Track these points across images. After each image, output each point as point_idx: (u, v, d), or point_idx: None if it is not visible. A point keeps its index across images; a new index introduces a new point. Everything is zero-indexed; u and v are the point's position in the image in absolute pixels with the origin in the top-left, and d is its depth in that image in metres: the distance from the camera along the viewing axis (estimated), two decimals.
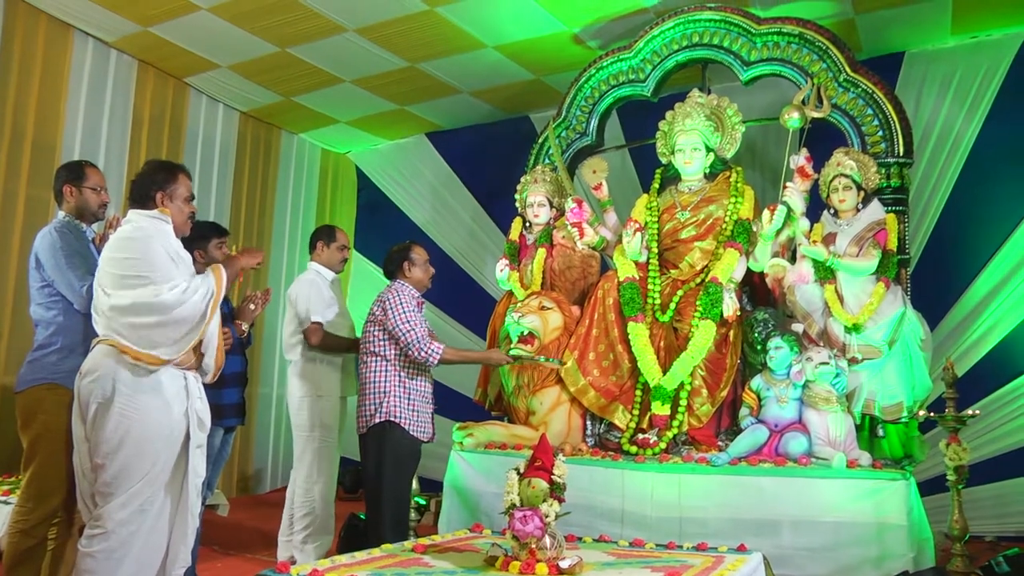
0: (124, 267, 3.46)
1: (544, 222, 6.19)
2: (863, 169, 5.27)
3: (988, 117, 6.57)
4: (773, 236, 5.30)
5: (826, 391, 4.86)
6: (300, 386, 5.32)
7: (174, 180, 3.67)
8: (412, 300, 4.88)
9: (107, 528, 3.35)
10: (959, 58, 6.71)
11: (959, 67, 6.69)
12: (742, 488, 4.65)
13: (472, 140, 8.96)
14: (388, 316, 4.79)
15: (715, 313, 5.20)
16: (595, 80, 6.56)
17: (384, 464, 4.71)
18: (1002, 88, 6.54)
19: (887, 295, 5.00)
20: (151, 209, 3.60)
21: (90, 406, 3.42)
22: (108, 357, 3.43)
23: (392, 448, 4.71)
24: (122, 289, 3.43)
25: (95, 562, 3.33)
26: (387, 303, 4.82)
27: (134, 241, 3.51)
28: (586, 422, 5.56)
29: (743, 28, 5.92)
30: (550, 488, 3.27)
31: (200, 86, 7.95)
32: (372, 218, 9.75)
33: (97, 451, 3.40)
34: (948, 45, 6.78)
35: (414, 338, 4.75)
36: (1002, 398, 6.27)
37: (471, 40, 7.01)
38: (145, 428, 3.42)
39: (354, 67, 7.55)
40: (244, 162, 8.56)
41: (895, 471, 4.51)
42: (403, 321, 4.76)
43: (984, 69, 6.60)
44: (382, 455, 4.71)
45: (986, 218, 6.48)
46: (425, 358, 4.77)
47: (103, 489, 3.39)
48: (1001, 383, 6.28)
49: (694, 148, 5.68)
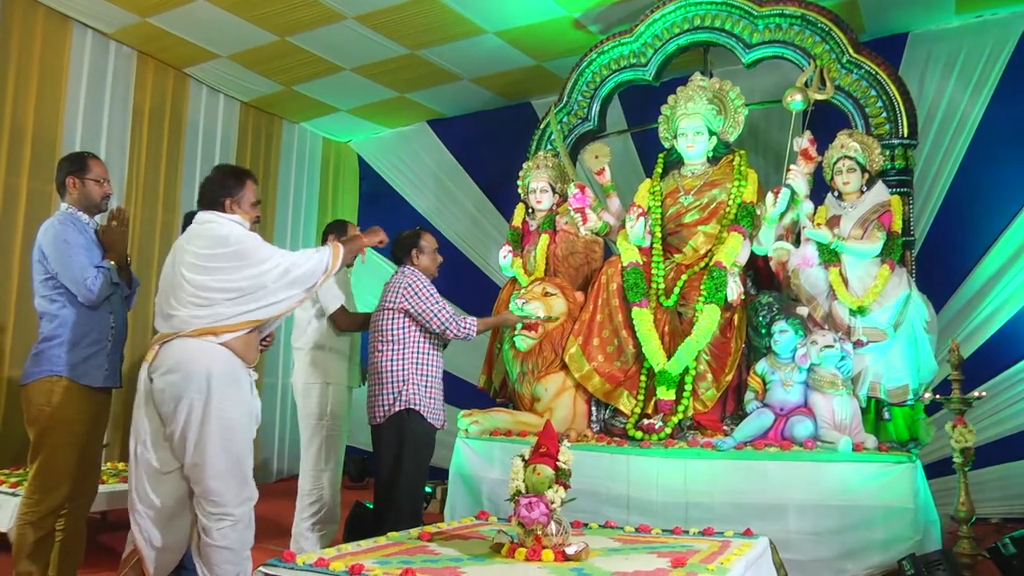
0: (226, 256, 3.52)
1: (547, 208, 6.20)
2: (867, 151, 5.27)
3: (993, 97, 6.56)
4: (777, 219, 5.30)
5: (831, 374, 4.86)
6: (309, 373, 5.31)
7: (242, 187, 3.73)
8: (430, 283, 4.89)
9: (235, 517, 3.45)
10: (964, 38, 6.69)
11: (964, 47, 6.67)
12: (748, 473, 4.64)
13: (474, 127, 8.96)
14: (413, 302, 4.77)
15: (719, 297, 5.20)
16: (596, 65, 6.55)
17: (404, 454, 4.69)
18: (1008, 68, 6.52)
19: (892, 277, 5.00)
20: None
21: (180, 403, 3.42)
22: (200, 353, 3.45)
23: (412, 437, 4.71)
24: (232, 272, 3.50)
25: (232, 553, 3.45)
26: (408, 289, 4.80)
27: (226, 231, 3.58)
28: (591, 408, 5.57)
29: (744, 10, 5.90)
30: (555, 474, 3.27)
31: (200, 76, 7.95)
32: (374, 207, 9.76)
33: (196, 450, 3.42)
34: (952, 24, 6.75)
35: (447, 317, 4.77)
36: (1008, 380, 6.29)
37: (471, 26, 7.00)
38: (242, 423, 3.52)
39: (354, 55, 7.54)
40: (245, 152, 8.56)
41: (901, 454, 4.50)
42: (433, 303, 4.77)
43: (989, 48, 6.59)
44: (402, 444, 4.70)
45: (991, 200, 6.48)
46: (466, 333, 4.82)
47: (216, 485, 3.43)
48: (1007, 365, 6.30)
49: (697, 132, 5.68)
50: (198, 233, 3.62)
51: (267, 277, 3.53)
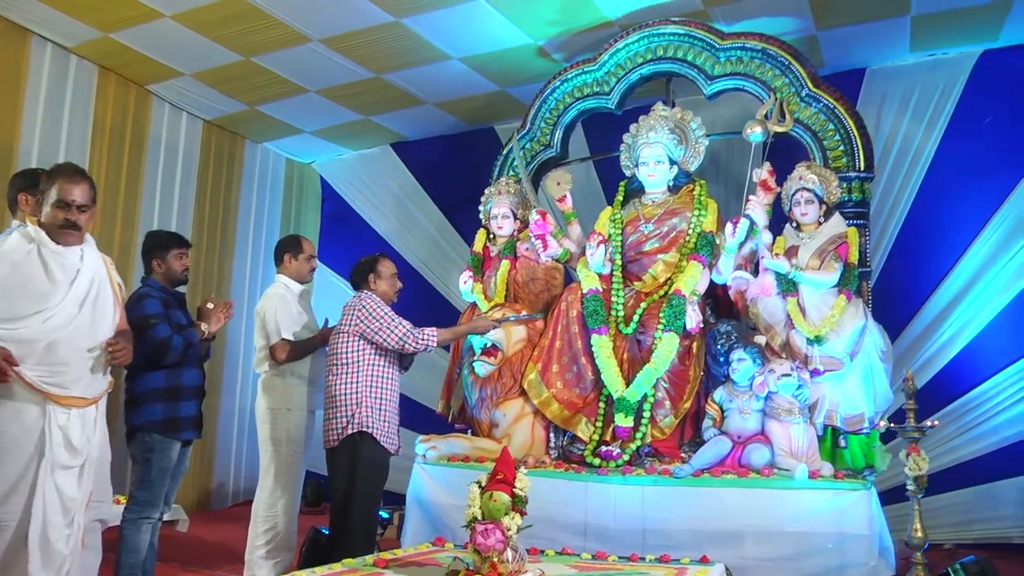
0: None
1: (508, 234, 6.20)
2: (825, 183, 5.33)
3: (946, 132, 6.69)
4: (736, 249, 5.33)
5: (788, 402, 4.90)
6: (269, 399, 5.25)
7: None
8: (384, 304, 4.86)
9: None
10: (918, 75, 6.83)
11: (918, 84, 6.82)
12: (705, 499, 4.66)
13: (436, 151, 8.94)
14: (368, 323, 4.75)
15: (678, 325, 5.22)
16: (560, 92, 6.59)
17: (357, 477, 4.66)
18: (959, 104, 6.67)
19: (848, 307, 5.05)
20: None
21: None
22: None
23: (365, 461, 4.68)
24: None
25: None
26: (362, 311, 4.78)
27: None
28: (549, 434, 5.55)
29: (707, 43, 5.97)
30: (512, 501, 3.25)
31: (163, 94, 7.85)
32: (336, 229, 9.70)
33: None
34: (907, 62, 6.89)
35: (404, 332, 4.76)
36: (960, 408, 6.38)
37: (436, 51, 7.00)
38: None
39: (319, 77, 7.51)
40: (207, 171, 8.45)
41: (857, 481, 4.56)
42: (387, 322, 4.75)
43: (942, 86, 6.73)
44: (355, 468, 4.66)
45: (945, 232, 6.59)
46: (425, 344, 4.81)
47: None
48: (959, 393, 6.39)
49: (657, 161, 5.71)
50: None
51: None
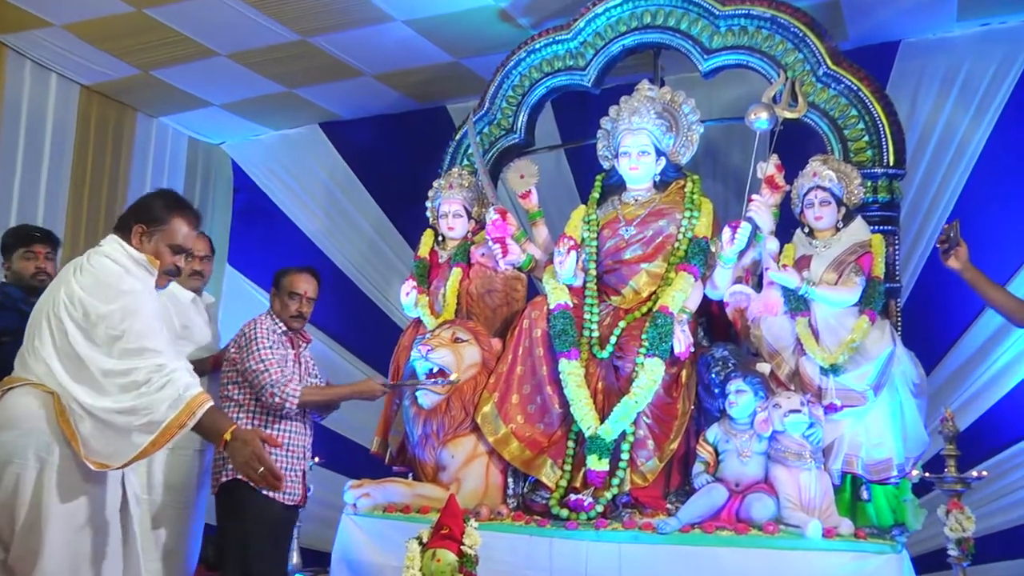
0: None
1: (460, 236, 6.31)
2: (844, 181, 5.38)
3: (999, 121, 6.64)
4: (735, 258, 5.40)
5: (798, 444, 4.89)
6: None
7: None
8: (271, 334, 5.05)
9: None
10: (966, 49, 6.75)
11: (966, 60, 6.73)
12: (695, 561, 4.69)
13: (376, 133, 9.00)
14: (242, 354, 4.96)
15: (664, 349, 5.28)
16: (525, 66, 6.64)
17: (246, 534, 4.81)
18: (1017, 86, 6.60)
19: (872, 331, 5.11)
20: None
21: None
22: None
23: (249, 514, 4.82)
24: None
25: None
26: (240, 339, 4.98)
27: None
28: (507, 479, 5.59)
29: (704, 8, 5.98)
30: (459, 561, 3.38)
31: (22, 47, 7.62)
32: (251, 225, 9.71)
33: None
34: (953, 33, 6.82)
35: (267, 380, 4.96)
36: (1015, 457, 6.32)
37: (377, 11, 6.93)
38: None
39: (232, 38, 7.45)
40: (87, 148, 8.38)
41: (884, 542, 4.59)
42: (256, 360, 4.97)
43: (996, 63, 6.65)
44: (241, 522, 4.81)
45: (994, 241, 6.30)
46: (281, 403, 4.98)
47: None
48: (1013, 439, 6.34)
49: (642, 151, 5.75)
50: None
51: None
